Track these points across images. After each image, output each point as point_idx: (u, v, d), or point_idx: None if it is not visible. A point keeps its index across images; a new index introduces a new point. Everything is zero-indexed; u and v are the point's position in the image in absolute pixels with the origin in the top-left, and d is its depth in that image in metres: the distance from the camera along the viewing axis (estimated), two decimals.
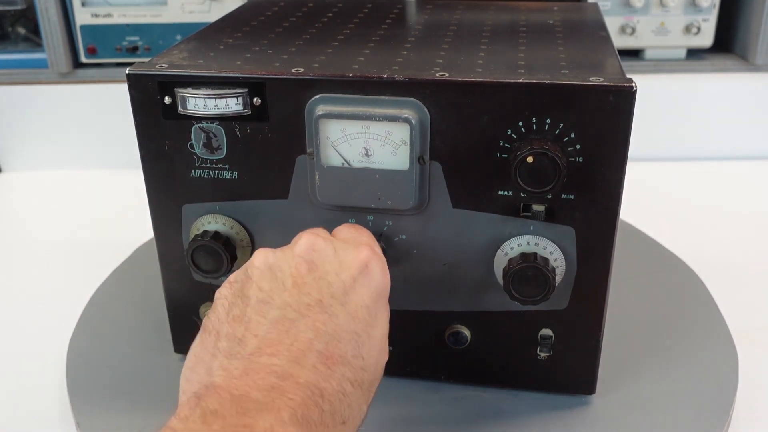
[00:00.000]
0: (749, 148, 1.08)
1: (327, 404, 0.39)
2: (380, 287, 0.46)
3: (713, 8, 1.01)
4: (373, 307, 0.45)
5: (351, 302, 0.44)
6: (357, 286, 0.45)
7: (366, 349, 0.43)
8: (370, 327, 0.44)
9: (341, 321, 0.43)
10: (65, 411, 0.61)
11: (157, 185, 0.57)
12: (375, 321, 0.45)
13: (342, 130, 0.51)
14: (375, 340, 0.44)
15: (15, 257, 0.87)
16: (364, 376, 0.42)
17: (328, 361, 0.41)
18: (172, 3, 1.00)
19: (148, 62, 0.54)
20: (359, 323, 0.43)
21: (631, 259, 0.77)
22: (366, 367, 0.43)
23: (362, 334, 0.43)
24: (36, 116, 1.06)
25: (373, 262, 0.46)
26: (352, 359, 0.42)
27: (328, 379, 0.40)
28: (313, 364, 0.40)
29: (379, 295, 0.46)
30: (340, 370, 0.41)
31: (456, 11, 0.70)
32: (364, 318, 0.44)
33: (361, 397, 0.42)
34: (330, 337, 0.42)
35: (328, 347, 0.41)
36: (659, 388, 0.60)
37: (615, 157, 0.49)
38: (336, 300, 0.44)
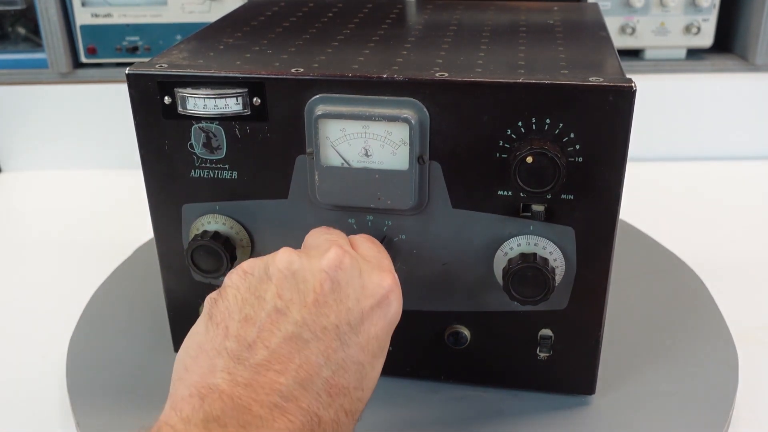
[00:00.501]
0: (749, 148, 1.08)
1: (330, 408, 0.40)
2: (393, 319, 0.46)
3: (713, 8, 1.01)
4: (384, 339, 0.45)
5: (364, 332, 0.43)
6: (374, 316, 0.44)
7: (367, 381, 0.43)
8: (376, 359, 0.44)
9: (352, 351, 0.42)
10: (65, 411, 0.61)
11: (157, 185, 0.57)
12: (381, 353, 0.44)
13: (341, 130, 0.51)
14: (376, 372, 0.44)
15: (15, 257, 0.87)
16: (358, 407, 0.43)
17: (332, 390, 0.41)
18: (172, 3, 1.00)
19: (148, 62, 0.54)
20: (367, 355, 0.43)
21: (631, 259, 0.77)
22: (362, 398, 0.43)
23: (367, 366, 0.43)
24: (36, 116, 1.06)
25: (393, 293, 0.45)
26: (353, 390, 0.42)
27: (328, 408, 0.40)
28: (317, 391, 0.40)
29: (390, 327, 0.46)
30: (340, 400, 0.41)
31: (456, 11, 0.70)
32: (373, 350, 0.44)
33: (350, 426, 0.42)
34: (338, 366, 0.42)
35: (335, 376, 0.41)
36: (659, 388, 0.60)
37: (615, 157, 0.49)
38: (352, 329, 0.43)
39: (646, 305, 0.71)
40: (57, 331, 0.69)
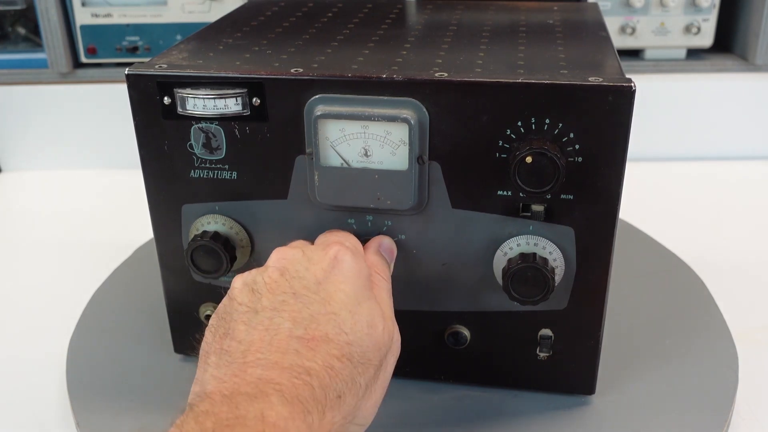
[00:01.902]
0: (749, 148, 1.08)
1: (316, 380, 0.41)
2: (355, 271, 0.48)
3: (713, 8, 1.01)
4: (351, 290, 0.46)
5: (323, 290, 0.46)
6: (330, 276, 0.47)
7: (349, 325, 0.44)
8: (351, 305, 0.45)
9: (317, 306, 0.45)
10: (65, 411, 0.61)
11: (156, 185, 0.57)
12: (356, 300, 0.46)
13: (341, 130, 0.51)
14: (359, 315, 0.45)
15: (15, 257, 0.87)
16: (351, 350, 0.43)
17: (310, 343, 0.42)
18: (172, 3, 1.00)
19: (147, 62, 0.54)
20: (336, 304, 0.45)
21: (631, 259, 0.77)
22: (352, 341, 0.44)
23: (341, 312, 0.45)
24: (36, 116, 1.06)
25: (341, 254, 0.48)
26: (335, 336, 0.43)
27: (313, 358, 0.42)
28: (295, 350, 0.42)
29: (356, 278, 0.47)
30: (324, 348, 0.42)
31: (456, 11, 0.70)
32: (342, 300, 0.45)
33: (354, 370, 0.43)
34: (308, 321, 0.44)
35: (308, 331, 0.43)
36: (659, 388, 0.60)
37: (614, 157, 0.49)
38: (309, 290, 0.46)
39: (646, 305, 0.71)
40: (57, 331, 0.69)
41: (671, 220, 0.91)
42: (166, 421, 0.40)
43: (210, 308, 0.61)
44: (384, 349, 0.46)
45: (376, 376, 0.45)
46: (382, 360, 0.46)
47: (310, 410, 0.39)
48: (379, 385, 0.45)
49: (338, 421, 0.41)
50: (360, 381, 0.43)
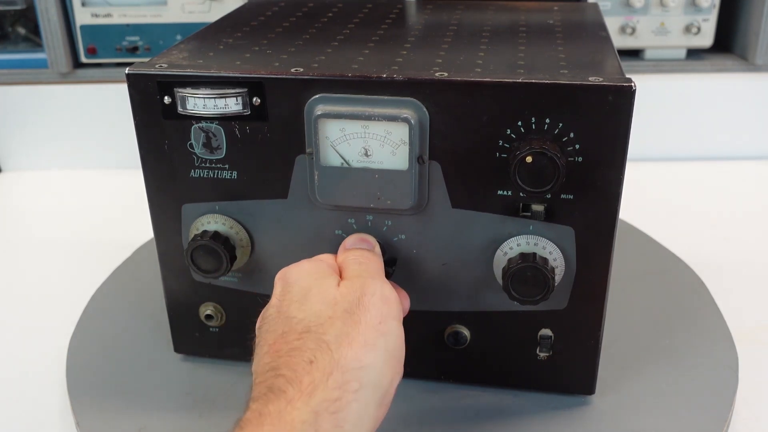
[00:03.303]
0: (749, 148, 1.08)
1: (284, 368, 0.43)
2: (308, 269, 0.49)
3: (713, 8, 1.01)
4: (303, 284, 0.48)
5: (277, 302, 0.48)
6: (280, 299, 0.49)
7: (296, 309, 0.46)
8: (301, 295, 0.47)
9: (271, 318, 0.47)
10: (65, 411, 0.61)
11: (156, 185, 0.57)
12: (306, 289, 0.48)
13: (341, 129, 0.51)
14: (310, 297, 0.47)
15: (15, 257, 0.87)
16: (306, 323, 0.45)
17: (273, 347, 0.45)
18: (172, 3, 1.00)
19: (147, 62, 0.54)
20: (284, 306, 0.47)
21: (631, 259, 0.77)
22: (303, 317, 0.45)
23: (290, 307, 0.47)
24: (36, 116, 1.06)
25: (281, 279, 0.50)
26: (289, 327, 0.45)
27: (278, 357, 0.44)
28: (264, 363, 0.44)
29: (308, 273, 0.49)
30: (283, 341, 0.45)
31: (456, 11, 0.70)
32: (290, 299, 0.47)
33: (315, 335, 0.44)
34: (268, 335, 0.46)
35: (269, 341, 0.45)
36: (659, 389, 0.60)
37: (614, 156, 0.49)
38: (264, 318, 0.48)
39: (646, 305, 0.71)
40: (57, 331, 0.69)
41: (671, 220, 0.91)
42: (166, 421, 0.40)
43: (210, 308, 0.61)
44: (344, 300, 0.46)
45: (349, 323, 0.45)
46: (351, 308, 0.46)
47: (285, 390, 0.41)
48: (362, 328, 0.45)
49: (320, 378, 0.42)
50: (326, 338, 0.44)
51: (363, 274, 0.49)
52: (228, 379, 0.62)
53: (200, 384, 0.62)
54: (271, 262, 0.58)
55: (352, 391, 0.42)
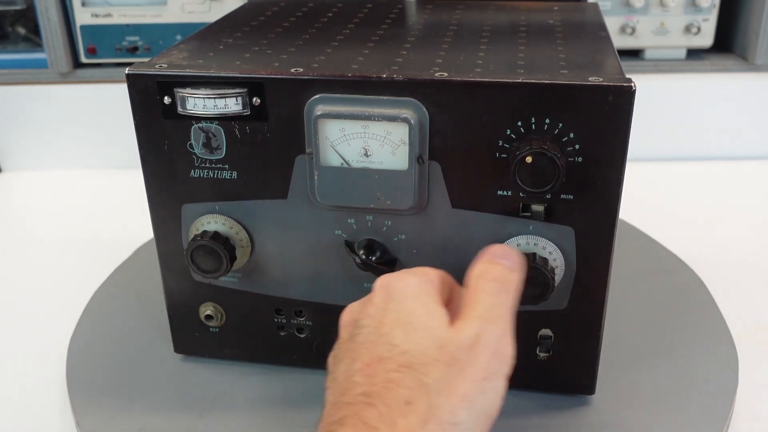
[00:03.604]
0: (749, 148, 1.08)
1: (377, 399, 0.41)
2: (407, 291, 0.46)
3: (713, 8, 1.01)
4: (405, 308, 0.45)
5: (379, 321, 0.45)
6: (385, 310, 0.46)
7: (401, 338, 0.43)
8: (404, 319, 0.45)
9: (370, 336, 0.44)
10: (65, 411, 0.61)
11: (156, 185, 0.57)
12: (411, 313, 0.45)
13: (341, 130, 0.51)
14: (415, 324, 0.44)
15: (15, 257, 0.87)
16: (408, 358, 0.42)
17: (368, 369, 0.42)
18: (172, 3, 1.00)
19: (147, 62, 0.54)
20: (387, 326, 0.44)
21: (631, 259, 0.77)
22: (408, 349, 0.43)
23: (392, 330, 0.44)
24: (36, 116, 1.06)
25: (387, 283, 0.47)
26: (388, 353, 0.43)
27: (372, 382, 0.42)
28: (355, 382, 0.42)
29: (412, 297, 0.46)
30: (380, 367, 0.42)
31: (456, 11, 0.70)
32: (393, 319, 0.45)
33: (417, 373, 0.42)
34: (363, 350, 0.44)
35: (363, 360, 0.43)
36: (659, 388, 0.60)
37: (614, 156, 0.49)
38: (365, 330, 0.45)
39: (646, 305, 0.71)
40: (57, 331, 0.69)
41: (671, 220, 0.91)
42: (166, 421, 0.40)
43: (210, 308, 0.61)
44: (453, 345, 0.43)
45: (453, 371, 0.42)
46: (459, 355, 0.43)
47: (377, 426, 0.39)
48: (465, 380, 0.42)
49: (415, 424, 0.40)
50: (427, 381, 0.42)
51: (485, 315, 0.45)
52: (228, 379, 0.62)
53: (200, 384, 0.62)
54: (271, 262, 0.58)
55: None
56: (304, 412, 0.58)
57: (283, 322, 0.61)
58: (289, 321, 0.61)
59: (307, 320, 0.60)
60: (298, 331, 0.61)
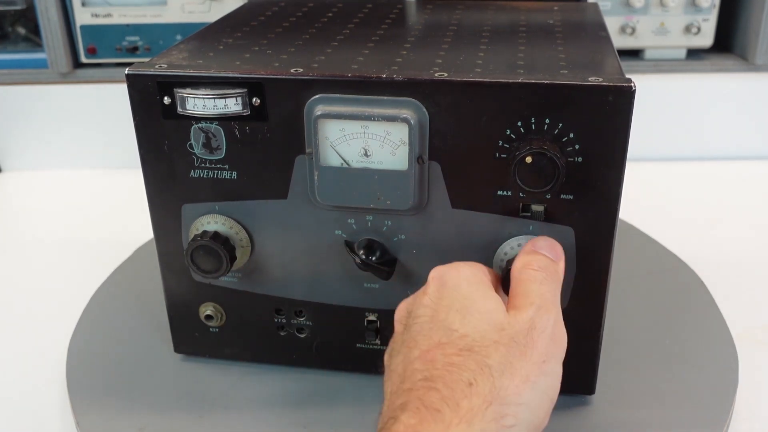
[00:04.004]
0: (749, 148, 1.08)
1: (440, 382, 0.41)
2: (460, 279, 0.47)
3: (713, 8, 1.01)
4: (460, 295, 0.46)
5: (433, 309, 0.46)
6: (440, 298, 0.46)
7: (458, 322, 0.44)
8: (460, 304, 0.45)
9: (426, 324, 0.45)
10: (65, 411, 0.61)
11: (156, 185, 0.57)
12: (466, 298, 0.46)
13: (341, 130, 0.51)
14: (472, 309, 0.45)
15: (15, 257, 0.87)
16: (469, 341, 0.43)
17: (428, 355, 0.43)
18: (172, 3, 1.00)
19: (147, 62, 0.54)
20: (443, 312, 0.45)
21: (631, 259, 0.77)
22: (467, 333, 0.43)
23: (449, 315, 0.45)
24: (36, 116, 1.06)
25: (439, 275, 0.48)
26: (447, 338, 0.43)
27: (433, 367, 0.42)
28: (415, 369, 0.43)
29: (465, 284, 0.47)
30: (440, 352, 0.43)
31: (456, 11, 0.70)
32: (448, 305, 0.45)
33: (479, 356, 0.42)
34: (421, 339, 0.44)
35: (422, 347, 0.44)
36: (659, 388, 0.60)
37: (614, 157, 0.49)
38: (421, 319, 0.46)
39: (646, 305, 0.71)
40: (57, 331, 0.69)
41: (671, 220, 0.91)
42: (166, 421, 0.40)
43: (210, 308, 0.61)
44: (511, 328, 0.44)
45: (513, 353, 0.43)
46: (518, 338, 0.44)
47: (440, 408, 0.40)
48: (526, 362, 0.43)
49: (479, 405, 0.40)
50: (489, 362, 0.42)
51: (537, 302, 0.46)
52: (228, 379, 0.62)
53: (200, 384, 0.62)
54: (271, 262, 0.58)
55: (507, 426, 0.41)
56: (304, 412, 0.58)
57: (283, 322, 0.61)
58: (289, 321, 0.61)
59: (307, 320, 0.60)
60: (298, 331, 0.61)
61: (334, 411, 0.59)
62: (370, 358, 0.61)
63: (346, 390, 0.60)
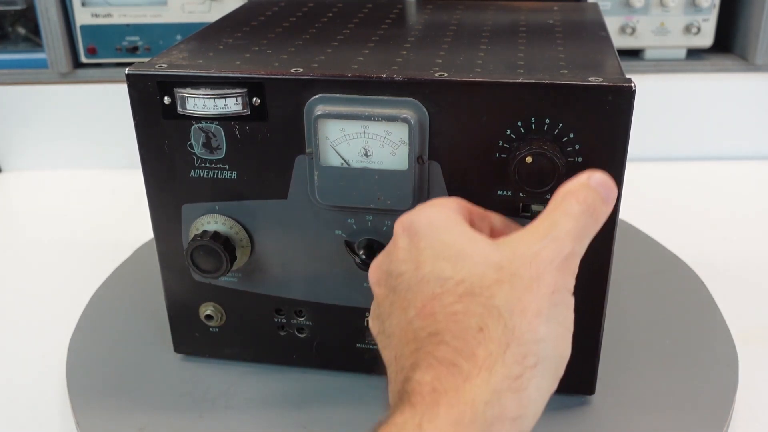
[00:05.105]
0: (749, 148, 1.08)
1: (447, 335, 0.38)
2: (431, 222, 0.43)
3: (713, 8, 1.01)
4: (439, 240, 0.42)
5: (413, 260, 0.42)
6: (411, 248, 0.43)
7: (450, 269, 0.41)
8: (445, 252, 0.41)
9: (409, 279, 0.42)
10: (65, 411, 0.61)
11: (156, 185, 0.57)
12: (448, 244, 0.42)
13: (341, 130, 0.51)
14: (461, 253, 0.41)
15: (15, 257, 0.87)
16: (467, 286, 0.40)
17: (424, 311, 0.40)
18: (172, 3, 1.00)
19: (147, 62, 0.54)
20: (427, 263, 0.41)
21: (631, 259, 0.77)
22: (463, 277, 0.40)
23: (436, 264, 0.41)
24: (36, 116, 1.06)
25: (404, 222, 0.44)
26: (441, 288, 0.40)
27: (434, 321, 0.39)
28: (417, 328, 0.40)
29: (439, 227, 0.43)
30: (437, 304, 0.40)
31: (456, 11, 0.70)
32: (430, 255, 0.42)
33: (481, 298, 0.39)
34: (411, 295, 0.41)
35: (416, 306, 0.40)
36: (659, 388, 0.60)
37: (614, 157, 0.49)
38: (401, 274, 0.42)
39: (646, 305, 0.71)
40: (57, 331, 0.69)
41: (671, 220, 0.91)
42: (166, 421, 0.40)
43: (210, 308, 0.61)
44: (511, 263, 0.40)
45: (519, 289, 0.39)
46: (521, 271, 0.40)
47: (455, 362, 0.37)
48: (534, 296, 0.39)
49: (496, 350, 0.37)
50: (496, 302, 0.39)
51: (553, 234, 0.41)
52: (228, 379, 0.62)
53: (200, 384, 0.62)
54: (271, 262, 0.58)
55: (531, 366, 0.38)
56: (304, 412, 0.58)
57: (283, 322, 0.61)
58: (289, 321, 0.61)
59: (307, 320, 0.60)
60: (298, 331, 0.61)
61: (334, 411, 0.59)
62: (370, 358, 0.61)
63: (346, 390, 0.60)
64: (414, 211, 0.45)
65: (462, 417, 0.36)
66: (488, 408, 0.36)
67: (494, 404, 0.36)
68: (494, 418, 0.36)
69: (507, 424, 0.37)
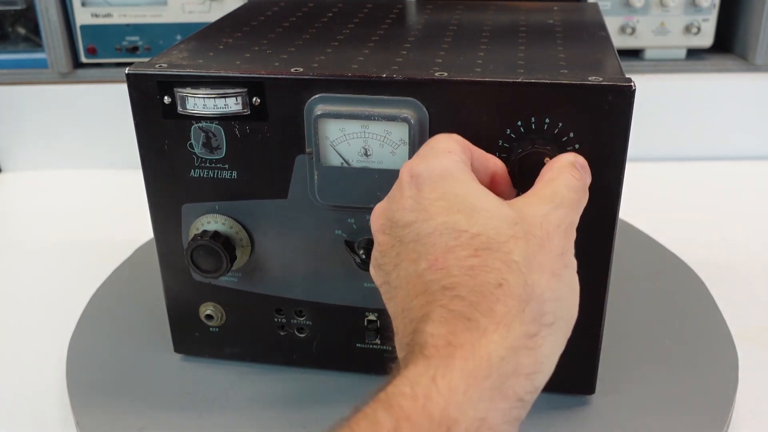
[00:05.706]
0: (749, 148, 1.08)
1: (463, 289, 0.37)
2: (440, 171, 0.42)
3: (713, 8, 1.01)
4: (448, 191, 0.41)
5: (422, 210, 0.41)
6: (418, 198, 0.42)
7: (465, 224, 0.39)
8: (461, 206, 0.40)
9: (419, 225, 0.41)
10: (65, 411, 0.61)
11: (156, 185, 0.57)
12: (466, 199, 0.41)
13: (341, 129, 0.51)
14: (477, 208, 0.40)
15: (15, 257, 0.87)
16: (483, 239, 0.39)
17: (438, 263, 0.39)
18: (172, 3, 1.00)
19: (147, 62, 0.54)
20: (437, 214, 0.40)
21: (631, 259, 0.77)
22: (478, 232, 0.39)
23: (449, 219, 0.40)
24: (36, 116, 1.06)
25: (411, 169, 0.42)
26: (455, 241, 0.39)
27: (449, 274, 0.38)
28: (428, 281, 0.39)
29: (447, 177, 0.42)
30: (451, 257, 0.38)
31: (456, 11, 0.70)
32: (441, 207, 0.41)
33: (498, 253, 0.38)
34: (421, 247, 0.40)
35: (428, 259, 0.39)
36: (659, 388, 0.60)
37: (614, 156, 0.49)
38: (407, 226, 0.41)
39: (646, 305, 0.71)
40: (57, 331, 0.69)
41: (671, 220, 0.91)
42: (166, 421, 0.40)
43: (210, 308, 0.61)
44: (524, 221, 0.40)
45: (533, 247, 0.39)
46: (533, 230, 0.40)
47: (471, 317, 0.36)
48: (547, 256, 0.39)
49: (514, 305, 0.37)
50: (514, 258, 0.38)
51: (558, 201, 0.41)
52: (228, 379, 0.62)
53: (200, 384, 0.62)
54: (271, 262, 0.58)
55: (547, 325, 0.37)
56: (304, 412, 0.58)
57: (283, 321, 0.61)
58: (289, 321, 0.61)
59: (307, 320, 0.60)
60: (298, 330, 0.61)
61: (334, 411, 0.58)
62: (370, 358, 0.61)
63: (346, 390, 0.60)
64: (422, 158, 0.43)
65: (477, 372, 0.35)
66: (504, 364, 0.36)
67: (510, 360, 0.36)
68: (509, 374, 0.36)
69: (522, 380, 0.37)
